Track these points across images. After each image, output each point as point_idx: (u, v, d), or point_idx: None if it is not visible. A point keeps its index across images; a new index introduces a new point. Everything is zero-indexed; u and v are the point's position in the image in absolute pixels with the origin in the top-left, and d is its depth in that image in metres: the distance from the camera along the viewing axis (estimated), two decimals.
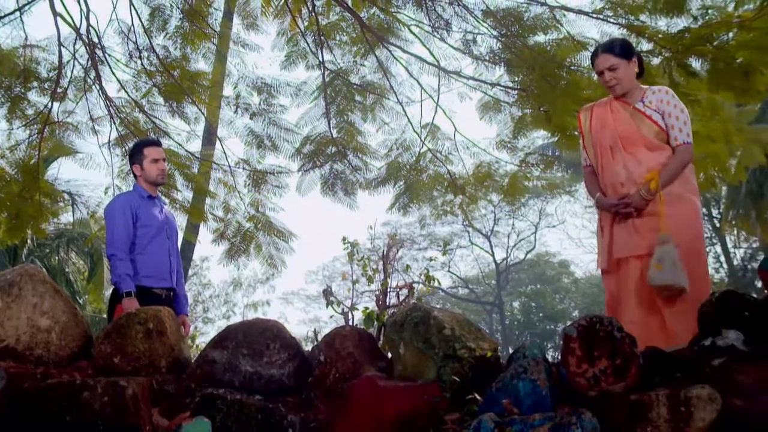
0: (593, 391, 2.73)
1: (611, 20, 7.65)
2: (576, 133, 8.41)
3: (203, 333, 28.29)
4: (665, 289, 4.35)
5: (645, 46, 7.54)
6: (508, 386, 2.77)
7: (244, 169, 11.25)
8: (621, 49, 4.87)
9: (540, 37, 8.20)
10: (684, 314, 4.26)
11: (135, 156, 6.14)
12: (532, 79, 8.08)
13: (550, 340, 41.71)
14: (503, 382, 2.79)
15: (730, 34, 6.82)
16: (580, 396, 2.74)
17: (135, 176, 6.16)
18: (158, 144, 6.30)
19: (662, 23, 7.47)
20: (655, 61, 7.42)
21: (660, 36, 7.26)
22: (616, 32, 7.86)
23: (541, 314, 43.92)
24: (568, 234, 69.46)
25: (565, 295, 44.70)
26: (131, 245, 5.77)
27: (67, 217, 20.45)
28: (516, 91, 8.78)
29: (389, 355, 3.38)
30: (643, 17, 7.43)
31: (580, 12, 7.85)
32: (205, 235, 12.41)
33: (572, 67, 8.01)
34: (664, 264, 4.30)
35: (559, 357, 2.92)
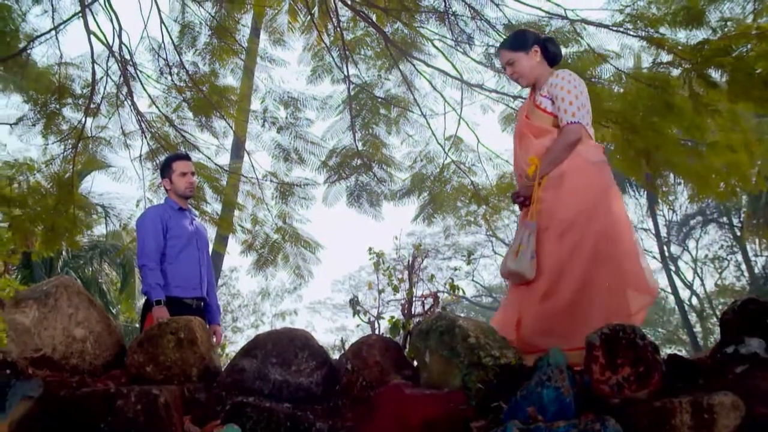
0: (617, 398, 2.71)
1: (631, 33, 7.62)
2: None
3: (232, 342, 28.37)
4: (512, 276, 4.24)
5: (665, 57, 7.51)
6: (533, 394, 2.76)
7: (271, 181, 11.30)
8: (515, 42, 4.74)
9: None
10: (540, 304, 4.15)
11: (164, 170, 6.21)
12: None
13: None
14: (528, 390, 2.78)
15: (749, 46, 6.77)
16: (604, 403, 2.72)
17: (166, 190, 6.22)
18: (186, 158, 6.35)
19: (681, 35, 7.43)
20: (675, 72, 7.39)
21: (679, 48, 7.22)
22: (636, 45, 7.84)
23: None
24: None
25: None
26: (162, 256, 5.81)
27: (100, 230, 20.64)
28: None
29: (415, 363, 3.38)
30: (662, 29, 7.38)
31: (600, 25, 7.82)
32: (234, 246, 12.47)
33: (593, 80, 7.98)
34: (520, 250, 4.17)
35: (583, 365, 2.90)
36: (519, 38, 4.77)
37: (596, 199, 4.26)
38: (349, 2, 9.29)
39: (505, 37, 8.19)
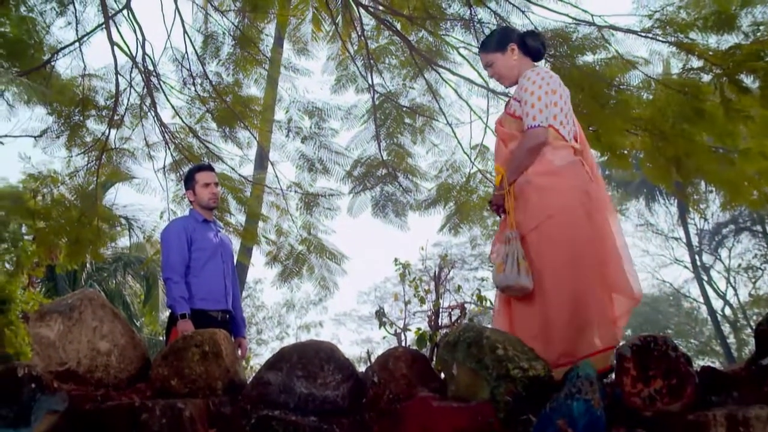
0: (649, 411, 2.69)
1: (660, 38, 7.58)
2: (625, 151, 8.34)
3: (257, 354, 28.46)
4: (507, 290, 4.13)
5: (695, 63, 7.46)
6: (563, 406, 2.74)
7: (295, 192, 11.35)
8: (491, 43, 4.64)
9: (588, 57, 8.14)
10: (528, 314, 4.12)
11: (188, 182, 6.24)
12: (580, 99, 8.02)
13: None
14: (557, 402, 2.76)
15: None
16: (636, 416, 2.70)
17: (190, 202, 6.26)
18: (209, 169, 6.38)
19: (712, 40, 7.37)
20: (706, 78, 7.34)
21: (710, 53, 7.18)
22: (665, 50, 7.79)
23: None
24: None
25: None
26: (186, 268, 5.84)
27: (123, 242, 20.76)
28: None
29: (442, 375, 3.37)
30: (692, 35, 7.34)
31: (628, 31, 7.79)
32: (258, 257, 12.53)
33: (621, 86, 7.94)
34: (506, 264, 4.07)
35: (613, 377, 2.88)
36: (494, 39, 4.68)
37: (565, 203, 4.15)
38: (374, 11, 9.32)
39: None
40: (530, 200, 4.19)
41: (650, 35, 7.63)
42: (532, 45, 4.62)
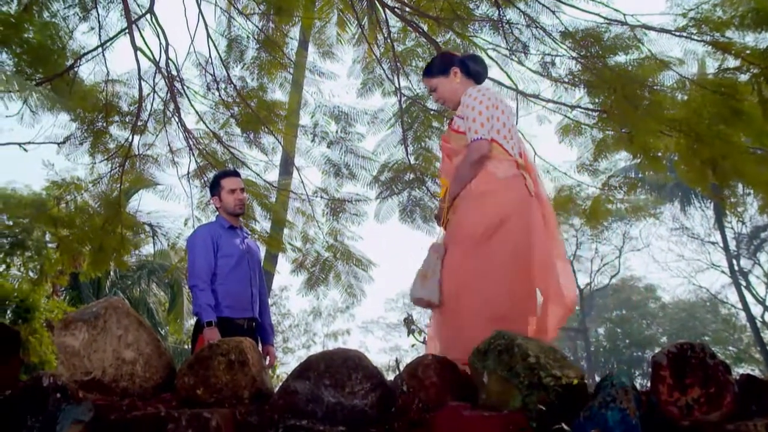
0: (686, 420, 2.67)
1: (695, 37, 7.53)
2: (659, 154, 8.28)
3: (284, 363, 28.55)
4: (419, 302, 4.28)
5: (731, 62, 7.40)
6: (597, 415, 2.72)
7: (321, 198, 11.37)
8: (434, 68, 4.82)
9: (621, 57, 8.09)
10: (447, 327, 4.24)
11: (213, 188, 6.27)
12: (613, 101, 7.98)
13: (637, 368, 40.99)
14: (591, 412, 2.75)
15: None
16: (673, 426, 2.68)
17: (216, 208, 6.29)
18: (235, 174, 6.40)
19: (750, 39, 7.31)
20: (743, 77, 7.28)
21: (747, 52, 7.12)
22: (700, 50, 7.73)
23: (627, 340, 43.20)
24: (653, 257, 68.24)
25: (652, 321, 43.89)
26: (212, 276, 5.86)
27: (147, 249, 20.91)
28: (597, 113, 8.68)
29: (473, 383, 3.36)
30: (729, 33, 7.28)
31: (662, 30, 7.74)
32: (284, 264, 12.54)
33: (655, 87, 7.89)
34: (427, 276, 4.22)
35: (649, 385, 2.86)
36: (437, 63, 4.84)
37: (504, 215, 4.28)
38: (400, 12, 9.33)
39: (561, 44, 8.17)
40: (463, 212, 4.34)
41: (685, 34, 7.58)
42: (474, 68, 4.80)
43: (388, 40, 9.72)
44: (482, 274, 4.18)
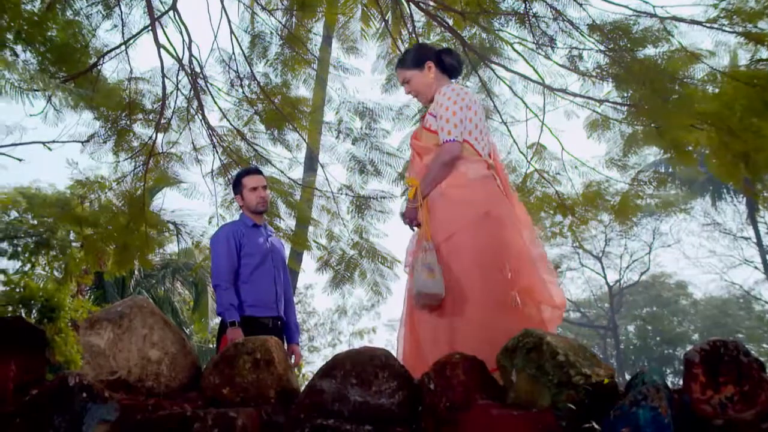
0: (720, 419, 2.65)
1: (727, 29, 7.46)
2: (690, 148, 8.22)
3: (309, 362, 28.60)
4: (427, 298, 4.25)
5: (765, 54, 7.33)
6: (628, 414, 2.71)
7: (346, 195, 11.37)
8: (408, 60, 4.83)
9: (650, 50, 8.04)
10: (436, 323, 4.25)
11: (236, 187, 6.31)
12: (642, 94, 7.92)
13: (669, 365, 40.75)
14: (622, 410, 2.73)
15: None
16: (706, 424, 2.66)
17: (240, 207, 6.32)
18: (256, 172, 6.42)
19: None
20: None
21: None
22: (732, 41, 7.66)
23: (658, 338, 42.96)
24: (684, 253, 67.73)
25: (683, 318, 43.61)
26: (236, 275, 5.89)
27: (172, 248, 21.04)
28: (626, 107, 8.62)
29: (501, 382, 3.36)
30: (762, 24, 7.21)
31: (692, 22, 7.67)
32: (309, 263, 12.57)
33: (685, 80, 7.83)
34: (435, 270, 4.19)
35: (681, 383, 2.84)
36: (412, 56, 4.87)
37: (478, 216, 4.34)
38: (425, 7, 9.31)
39: (588, 38, 8.13)
40: (443, 212, 4.39)
41: (716, 26, 7.51)
42: (449, 62, 4.83)
43: (413, 35, 9.70)
44: (472, 271, 4.24)
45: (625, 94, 8.53)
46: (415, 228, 4.62)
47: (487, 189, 4.48)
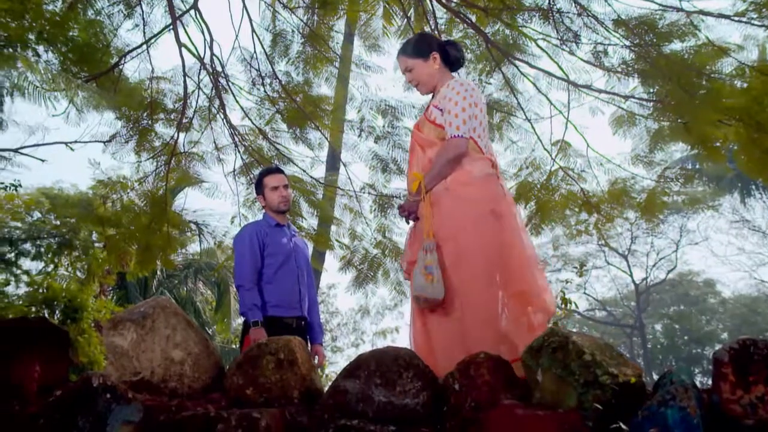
0: (750, 419, 2.63)
1: (755, 22, 7.40)
2: (718, 144, 8.17)
3: (333, 362, 28.65)
4: (426, 301, 4.24)
5: None
6: (656, 414, 2.69)
7: (369, 194, 11.36)
8: (414, 49, 4.77)
9: (676, 45, 7.99)
10: (445, 326, 4.25)
11: (258, 187, 6.35)
12: (668, 90, 7.88)
13: (697, 365, 40.47)
14: (650, 410, 2.72)
15: None
16: (736, 425, 2.64)
17: (262, 207, 6.35)
18: (277, 171, 6.44)
19: None
20: None
21: None
22: (760, 35, 7.61)
23: (686, 337, 42.67)
24: (712, 251, 67.23)
25: (711, 317, 43.28)
26: (259, 274, 5.91)
27: (194, 248, 21.12)
28: (652, 103, 8.58)
29: (526, 382, 3.35)
30: None
31: (720, 16, 7.62)
32: (331, 262, 12.59)
33: (713, 75, 7.77)
34: (434, 274, 4.18)
35: (710, 383, 2.82)
36: (417, 44, 4.82)
37: (482, 214, 4.32)
38: (447, 3, 9.30)
39: (614, 33, 8.08)
40: (447, 209, 4.37)
41: (744, 19, 7.46)
42: (454, 55, 4.83)
43: (436, 32, 9.68)
44: (479, 270, 4.24)
45: (651, 90, 8.49)
46: (411, 221, 4.62)
47: (490, 188, 4.47)
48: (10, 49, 7.83)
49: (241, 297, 5.90)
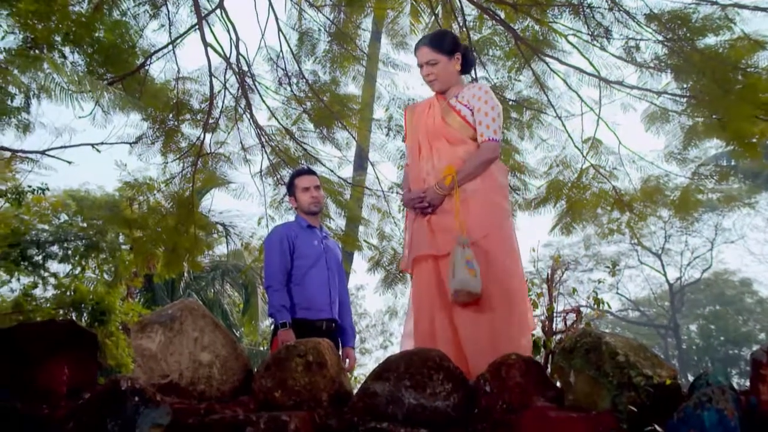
0: None
1: None
2: (754, 140, 8.09)
3: (361, 364, 28.67)
4: (465, 295, 4.26)
5: None
6: (692, 417, 2.67)
7: (397, 193, 11.34)
8: (443, 44, 4.80)
9: (710, 39, 7.93)
10: (477, 323, 4.31)
11: (289, 188, 6.37)
12: (703, 85, 7.82)
13: (734, 366, 40.10)
14: (686, 413, 2.70)
15: None
16: None
17: (294, 208, 6.37)
18: (308, 172, 6.45)
19: None
20: None
21: None
22: None
23: (722, 338, 42.30)
24: (749, 249, 66.44)
25: (748, 317, 42.86)
26: (289, 276, 5.92)
27: (221, 249, 21.21)
28: (685, 99, 8.52)
29: (558, 384, 3.34)
30: None
31: (756, 8, 7.55)
32: (360, 263, 12.59)
33: (749, 69, 7.70)
34: (475, 269, 4.22)
35: (748, 384, 2.80)
36: (446, 40, 4.88)
37: (501, 222, 4.54)
38: (476, 0, 9.28)
39: (646, 28, 8.02)
40: (476, 210, 4.50)
41: None
42: (471, 60, 5.08)
43: (464, 29, 9.66)
44: (508, 272, 4.41)
45: (685, 85, 8.43)
46: (417, 211, 4.66)
47: (507, 199, 4.72)
48: (37, 51, 7.90)
49: (269, 298, 5.91)
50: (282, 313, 5.71)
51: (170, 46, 9.58)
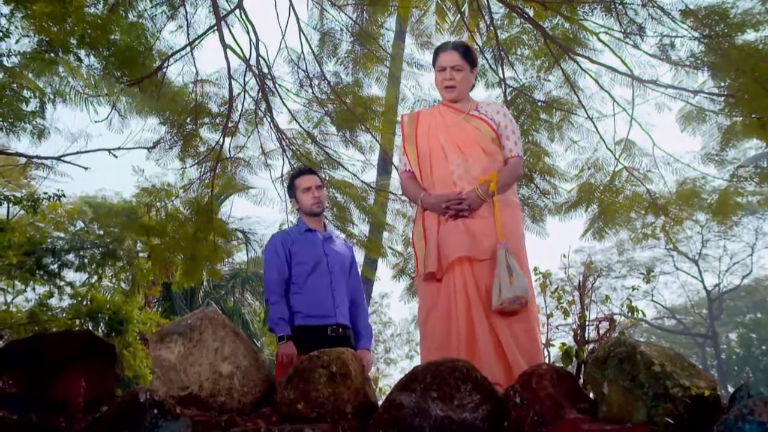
0: None
1: None
2: None
3: (386, 375, 28.64)
4: (521, 302, 4.48)
5: None
6: (732, 430, 2.65)
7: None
8: (470, 55, 5.12)
9: (750, 35, 7.89)
10: (523, 330, 4.55)
11: (290, 190, 6.37)
12: (741, 83, 7.78)
13: None
14: (726, 425, 2.68)
15: None
16: None
17: (297, 210, 6.38)
18: (308, 172, 6.44)
19: None
20: None
21: None
22: None
23: (763, 347, 41.95)
24: None
25: None
26: (289, 285, 5.93)
27: (240, 257, 21.24)
28: (723, 98, 8.47)
29: (591, 395, 3.33)
30: None
31: None
32: (384, 270, 12.56)
33: None
34: (515, 275, 4.43)
35: None
36: (472, 52, 5.22)
37: (522, 234, 4.95)
38: None
39: (681, 24, 7.99)
40: (506, 220, 4.73)
41: None
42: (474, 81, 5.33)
43: (491, 28, 9.66)
44: (530, 281, 4.76)
45: (723, 84, 8.39)
46: (446, 214, 4.76)
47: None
48: (52, 54, 7.97)
49: (270, 311, 5.92)
50: (281, 326, 5.71)
51: (188, 48, 9.63)
